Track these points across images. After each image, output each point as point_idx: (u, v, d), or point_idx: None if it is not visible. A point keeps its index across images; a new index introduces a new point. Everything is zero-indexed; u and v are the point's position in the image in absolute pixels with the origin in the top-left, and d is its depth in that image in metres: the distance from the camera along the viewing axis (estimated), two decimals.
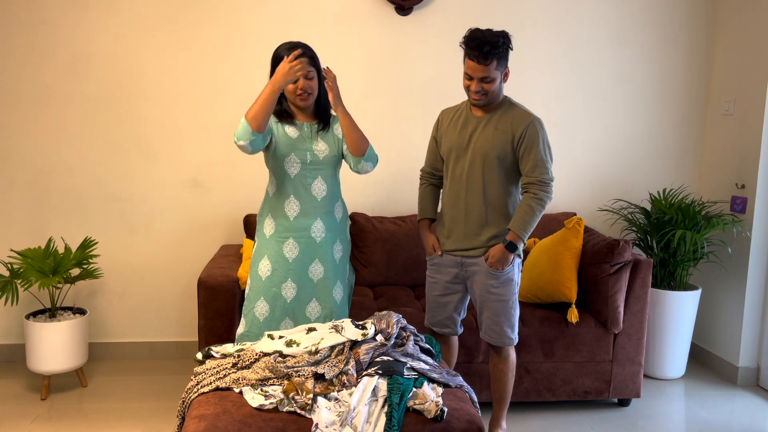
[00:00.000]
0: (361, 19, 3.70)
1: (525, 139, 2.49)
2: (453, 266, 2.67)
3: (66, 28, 3.55)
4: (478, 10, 3.75)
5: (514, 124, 2.51)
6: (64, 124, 3.61)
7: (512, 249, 2.53)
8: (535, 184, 2.49)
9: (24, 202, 3.64)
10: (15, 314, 3.69)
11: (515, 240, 2.52)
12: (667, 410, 3.29)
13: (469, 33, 2.43)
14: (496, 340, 2.67)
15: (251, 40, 3.65)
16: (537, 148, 2.49)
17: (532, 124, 2.50)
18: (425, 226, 2.76)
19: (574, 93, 3.88)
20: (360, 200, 3.83)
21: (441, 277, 2.72)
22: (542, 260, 3.24)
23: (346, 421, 1.97)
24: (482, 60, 2.40)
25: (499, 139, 2.51)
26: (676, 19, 3.88)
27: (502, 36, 2.42)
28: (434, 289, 2.75)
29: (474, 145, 2.55)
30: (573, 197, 3.97)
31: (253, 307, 2.54)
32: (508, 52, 2.46)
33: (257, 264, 2.54)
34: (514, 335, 2.68)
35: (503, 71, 2.49)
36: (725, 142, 3.78)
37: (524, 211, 2.50)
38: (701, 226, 3.51)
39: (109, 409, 3.15)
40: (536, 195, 2.49)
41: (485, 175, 2.53)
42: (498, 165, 2.52)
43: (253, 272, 2.56)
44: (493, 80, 2.45)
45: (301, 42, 2.51)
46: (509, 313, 2.63)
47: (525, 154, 2.50)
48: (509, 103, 2.58)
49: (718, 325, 3.78)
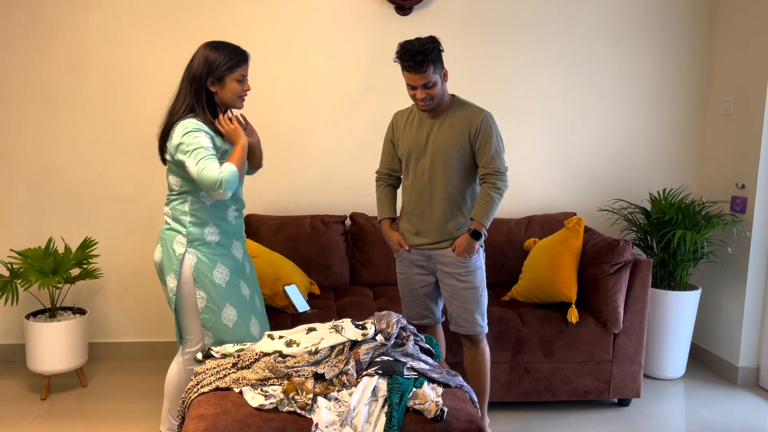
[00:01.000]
0: (361, 19, 3.70)
1: (480, 133, 2.61)
2: (422, 259, 2.77)
3: (66, 28, 3.55)
4: (477, 10, 3.75)
5: (468, 121, 2.63)
6: (64, 124, 3.62)
7: (477, 237, 2.63)
8: (493, 175, 2.61)
9: (24, 202, 3.64)
10: (15, 314, 3.69)
11: (479, 228, 2.63)
12: (667, 410, 3.29)
13: (400, 47, 2.53)
14: (468, 329, 2.72)
15: (251, 40, 3.65)
16: (492, 140, 2.61)
17: (485, 118, 2.62)
18: (387, 226, 2.85)
19: (574, 93, 3.88)
20: (359, 200, 3.83)
21: (411, 271, 2.80)
22: (542, 260, 3.24)
23: (346, 421, 1.97)
24: (418, 69, 2.51)
25: (456, 137, 2.62)
26: (676, 19, 3.88)
27: (430, 42, 2.52)
28: (406, 284, 2.83)
29: (432, 144, 2.65)
30: (573, 197, 3.97)
31: (219, 316, 2.46)
32: (440, 55, 2.56)
33: (210, 274, 2.44)
34: (485, 323, 2.74)
35: (441, 73, 2.59)
36: (725, 142, 3.78)
37: (485, 201, 2.62)
38: (701, 226, 3.51)
39: (109, 409, 3.15)
40: (494, 185, 2.61)
41: (446, 172, 2.65)
42: (458, 161, 2.64)
43: (206, 283, 2.44)
44: (435, 84, 2.56)
45: (242, 50, 2.45)
46: (479, 301, 2.71)
47: (481, 147, 2.62)
48: (459, 102, 2.69)
49: (718, 325, 3.78)
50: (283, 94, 3.72)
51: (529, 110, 3.87)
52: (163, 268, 2.49)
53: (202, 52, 2.41)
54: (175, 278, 2.45)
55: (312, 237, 3.54)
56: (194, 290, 2.44)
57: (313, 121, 3.75)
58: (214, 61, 2.38)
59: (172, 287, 2.45)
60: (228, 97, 2.44)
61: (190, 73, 2.41)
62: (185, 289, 2.45)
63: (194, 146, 2.31)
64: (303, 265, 3.53)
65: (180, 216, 2.47)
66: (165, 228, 2.53)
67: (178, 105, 2.42)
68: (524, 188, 3.92)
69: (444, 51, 2.66)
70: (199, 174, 2.29)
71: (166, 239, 2.50)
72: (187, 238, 2.45)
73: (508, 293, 3.43)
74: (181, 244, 2.45)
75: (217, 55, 2.39)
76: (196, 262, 2.44)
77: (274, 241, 3.51)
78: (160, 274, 2.52)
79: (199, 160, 2.29)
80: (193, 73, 2.39)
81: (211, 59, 2.38)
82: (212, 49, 2.40)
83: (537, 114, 3.87)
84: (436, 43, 2.55)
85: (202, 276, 2.44)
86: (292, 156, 3.76)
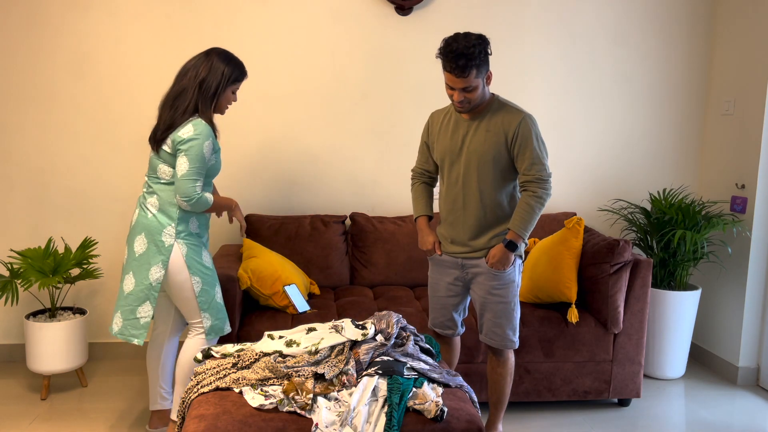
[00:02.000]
0: (361, 19, 3.70)
1: (518, 137, 2.45)
2: (454, 267, 2.66)
3: (66, 28, 3.55)
4: (477, 10, 3.75)
5: (505, 124, 2.47)
6: (64, 124, 3.62)
7: (512, 248, 2.50)
8: (534, 182, 2.47)
9: (24, 202, 3.64)
10: (15, 314, 3.69)
11: (515, 239, 2.49)
12: (667, 410, 3.29)
13: (445, 44, 2.37)
14: (497, 343, 2.63)
15: (251, 40, 3.65)
16: (531, 145, 2.45)
17: (523, 121, 2.45)
18: (424, 223, 2.72)
19: (574, 93, 3.88)
20: (360, 200, 3.83)
21: (442, 278, 2.70)
22: (542, 260, 3.24)
23: (346, 421, 1.97)
24: (460, 73, 2.35)
25: (492, 141, 2.47)
26: (676, 19, 3.88)
27: (478, 44, 2.35)
28: (436, 290, 2.74)
29: (467, 149, 2.51)
30: (573, 197, 3.97)
31: (213, 295, 2.68)
32: (486, 58, 2.39)
33: (200, 258, 2.64)
34: (516, 338, 2.64)
35: (485, 77, 2.44)
36: (725, 142, 3.78)
37: (524, 210, 2.48)
38: (701, 226, 3.51)
39: (109, 409, 3.15)
40: (535, 193, 2.47)
41: (480, 178, 2.51)
42: (493, 167, 2.50)
43: (199, 268, 2.63)
44: (475, 88, 2.41)
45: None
46: (511, 315, 2.61)
47: (520, 152, 2.47)
48: (498, 103, 2.52)
49: (718, 325, 3.78)
50: (283, 94, 3.72)
51: (529, 110, 3.87)
52: (148, 259, 2.57)
53: (214, 61, 2.57)
54: (162, 268, 2.57)
55: (312, 237, 3.54)
56: (189, 277, 2.60)
57: (313, 121, 3.75)
58: (225, 72, 2.57)
59: (158, 277, 2.57)
60: (220, 105, 2.64)
61: (199, 76, 2.55)
62: (179, 278, 2.60)
63: (196, 155, 2.50)
64: (303, 265, 3.53)
65: (167, 207, 2.59)
66: (145, 216, 2.60)
67: (185, 102, 2.55)
68: None
69: (491, 53, 2.47)
70: (184, 178, 2.49)
71: (151, 230, 2.57)
72: (176, 229, 2.58)
73: None
74: (170, 236, 2.58)
75: (227, 67, 2.58)
76: (186, 251, 2.60)
77: (274, 241, 3.51)
78: (138, 264, 2.58)
79: (192, 168, 2.50)
80: (203, 78, 2.55)
81: (222, 70, 2.57)
82: (224, 61, 2.58)
83: (537, 114, 3.87)
84: (484, 45, 2.37)
85: (194, 263, 2.61)
86: (292, 156, 3.76)
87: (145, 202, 2.62)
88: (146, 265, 2.56)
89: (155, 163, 2.60)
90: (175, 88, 2.58)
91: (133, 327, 2.61)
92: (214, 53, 2.58)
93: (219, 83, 2.56)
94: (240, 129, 3.71)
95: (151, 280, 2.57)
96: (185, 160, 2.49)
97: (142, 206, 2.62)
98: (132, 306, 2.59)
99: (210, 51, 2.60)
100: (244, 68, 2.65)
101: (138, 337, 2.60)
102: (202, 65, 2.56)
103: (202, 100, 2.55)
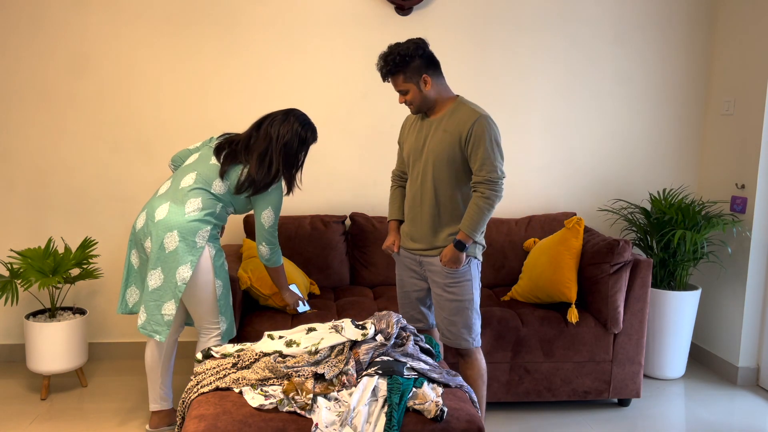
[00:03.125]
0: (361, 19, 3.70)
1: (471, 137, 2.45)
2: (414, 264, 2.71)
3: (66, 28, 3.55)
4: (477, 10, 3.75)
5: (460, 125, 2.49)
6: (64, 124, 3.62)
7: (461, 248, 2.51)
8: (483, 183, 2.47)
9: (24, 202, 3.64)
10: (15, 314, 3.69)
11: (464, 239, 2.50)
12: (667, 410, 3.29)
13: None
14: (452, 342, 2.64)
15: (251, 40, 3.65)
16: (483, 146, 2.44)
17: (478, 122, 2.45)
18: (392, 226, 2.82)
19: (573, 93, 3.88)
20: (360, 200, 3.83)
21: (404, 273, 2.77)
22: (542, 260, 3.24)
23: (346, 421, 1.97)
24: (384, 78, 2.51)
25: (447, 141, 2.50)
26: (676, 19, 3.88)
27: (399, 50, 2.45)
28: (400, 286, 2.81)
29: (427, 148, 2.57)
30: (573, 197, 3.97)
31: (228, 299, 2.77)
32: (409, 63, 2.46)
33: (222, 262, 2.73)
34: (471, 338, 2.62)
35: (418, 81, 2.49)
36: (725, 142, 3.78)
37: (472, 211, 2.49)
38: (701, 226, 3.51)
39: (109, 409, 3.15)
40: (483, 194, 2.47)
41: (436, 176, 2.55)
42: (448, 166, 2.52)
43: (223, 272, 2.72)
44: (408, 92, 2.51)
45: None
46: (466, 314, 2.60)
47: (472, 152, 2.47)
48: (458, 104, 2.55)
49: (718, 325, 3.78)
50: (283, 94, 3.72)
51: (529, 110, 3.87)
52: (178, 257, 2.57)
53: (295, 127, 2.73)
54: (191, 269, 2.59)
55: (312, 237, 3.54)
56: (213, 280, 2.67)
57: (313, 121, 3.74)
58: (305, 140, 2.77)
59: (186, 276, 2.58)
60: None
61: (281, 141, 2.70)
62: (204, 279, 2.64)
63: (279, 210, 2.78)
64: (303, 265, 3.53)
65: (207, 212, 2.65)
66: (181, 214, 2.61)
67: (272, 167, 2.69)
68: (524, 188, 3.91)
69: (424, 56, 2.49)
70: (271, 228, 2.75)
71: (186, 229, 2.60)
72: (209, 233, 2.66)
73: (508, 293, 3.43)
74: (203, 238, 2.64)
75: (307, 133, 2.76)
76: (215, 254, 2.68)
77: None
78: (167, 261, 2.58)
79: (276, 220, 2.77)
80: (286, 142, 2.71)
81: (303, 137, 2.75)
82: (305, 128, 2.76)
83: (537, 114, 3.87)
84: (408, 51, 2.45)
85: (218, 266, 2.68)
86: None
87: (184, 200, 2.63)
88: (174, 264, 2.57)
89: (213, 175, 2.68)
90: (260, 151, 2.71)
91: (156, 323, 2.62)
92: (295, 120, 2.74)
93: (300, 149, 2.76)
94: (240, 129, 3.71)
95: (177, 279, 2.58)
96: (271, 212, 2.73)
97: (178, 202, 2.63)
98: (158, 302, 2.61)
99: (293, 118, 2.75)
100: (316, 134, 2.84)
101: (160, 334, 2.62)
102: (284, 130, 2.72)
103: (287, 166, 2.73)
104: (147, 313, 2.62)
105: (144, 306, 2.63)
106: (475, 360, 2.68)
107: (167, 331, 2.62)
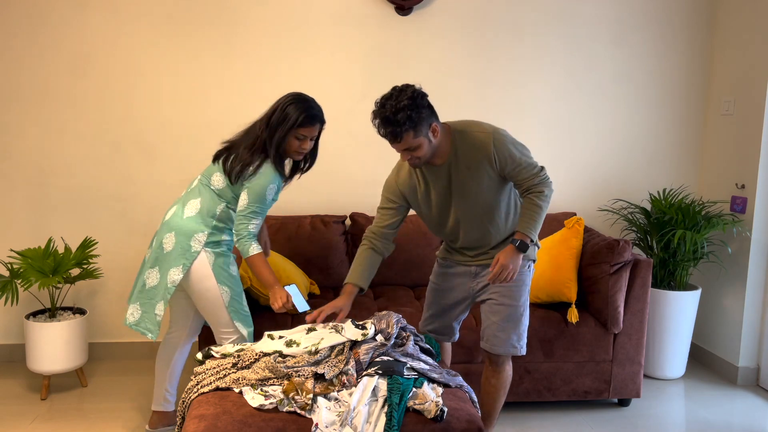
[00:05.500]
0: (361, 19, 3.70)
1: (498, 158, 2.35)
2: (465, 276, 2.59)
3: (66, 28, 3.55)
4: (478, 10, 3.75)
5: (479, 155, 2.36)
6: (64, 124, 3.62)
7: (523, 249, 2.38)
8: (535, 185, 2.39)
9: (24, 202, 3.64)
10: (15, 314, 3.69)
11: (523, 238, 2.38)
12: (667, 410, 3.29)
13: (376, 107, 2.26)
14: (499, 348, 2.50)
15: (251, 40, 3.65)
16: (513, 157, 2.36)
17: (495, 143, 2.35)
18: (349, 292, 2.48)
19: (574, 93, 3.88)
20: (360, 200, 3.83)
21: (449, 286, 2.63)
22: (542, 260, 3.24)
23: (346, 421, 1.97)
24: (392, 140, 2.26)
25: (477, 176, 2.38)
26: (676, 19, 3.88)
27: (407, 106, 2.19)
28: (442, 297, 2.66)
29: (457, 194, 2.42)
30: (573, 197, 3.97)
31: (242, 304, 2.68)
32: (420, 115, 2.22)
33: (228, 268, 2.64)
34: (520, 345, 2.52)
35: (427, 132, 2.27)
36: (725, 142, 3.78)
37: (532, 211, 2.38)
38: (701, 226, 3.51)
39: (109, 409, 3.15)
40: (542, 192, 2.38)
41: (483, 213, 2.44)
42: (488, 194, 2.41)
43: (227, 277, 2.62)
44: (419, 147, 2.27)
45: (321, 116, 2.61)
46: (518, 320, 2.51)
47: (509, 170, 2.37)
48: (459, 135, 2.38)
49: (718, 325, 3.78)
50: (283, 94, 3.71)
51: (529, 110, 3.87)
52: (171, 259, 2.56)
53: (283, 102, 2.56)
54: (181, 272, 2.55)
55: (312, 237, 3.54)
56: (217, 287, 2.59)
57: None
58: (288, 115, 2.53)
59: (175, 279, 2.55)
60: (286, 150, 2.60)
61: (270, 119, 2.56)
62: (202, 286, 2.58)
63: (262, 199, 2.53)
64: (303, 265, 3.53)
65: (206, 214, 2.59)
66: (180, 216, 2.59)
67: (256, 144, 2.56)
68: None
69: (426, 106, 2.25)
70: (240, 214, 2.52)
71: (182, 232, 2.57)
72: (207, 238, 2.58)
73: None
74: (199, 242, 2.57)
75: (292, 110, 2.53)
76: (214, 260, 2.58)
77: (274, 241, 3.51)
78: (163, 261, 2.57)
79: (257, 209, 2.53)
80: (270, 114, 2.57)
81: (286, 113, 2.53)
82: (292, 103, 2.55)
83: (537, 114, 3.87)
84: (416, 105, 2.21)
85: (221, 272, 2.60)
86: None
87: (186, 202, 2.63)
88: (167, 265, 2.56)
89: (212, 169, 2.64)
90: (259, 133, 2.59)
91: (150, 322, 2.61)
92: (290, 96, 2.58)
93: (279, 126, 2.54)
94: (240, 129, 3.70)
95: (167, 281, 2.56)
96: (247, 195, 2.52)
97: (183, 204, 2.63)
98: (152, 301, 2.60)
99: (290, 95, 2.59)
100: (313, 115, 2.55)
101: (152, 332, 2.61)
102: (275, 107, 2.57)
103: (270, 143, 2.54)
104: (142, 310, 2.61)
105: (139, 303, 2.62)
106: (506, 369, 2.58)
107: (158, 331, 2.61)
